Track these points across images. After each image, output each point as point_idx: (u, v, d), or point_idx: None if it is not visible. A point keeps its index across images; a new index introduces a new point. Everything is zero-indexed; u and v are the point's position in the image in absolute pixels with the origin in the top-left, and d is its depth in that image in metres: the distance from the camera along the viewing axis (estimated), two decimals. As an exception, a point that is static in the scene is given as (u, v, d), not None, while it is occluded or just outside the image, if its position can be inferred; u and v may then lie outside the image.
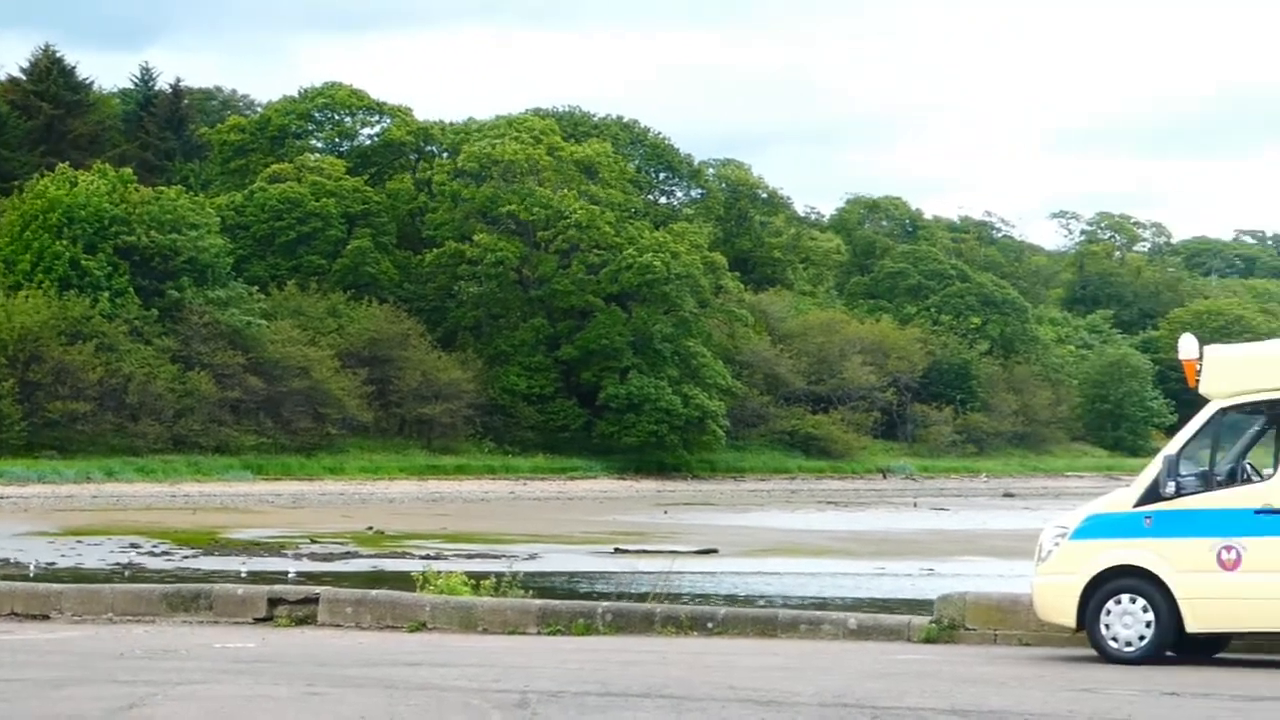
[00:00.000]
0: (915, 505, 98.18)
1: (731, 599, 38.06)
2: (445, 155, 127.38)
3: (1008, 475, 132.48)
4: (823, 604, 35.51)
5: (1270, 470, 20.15)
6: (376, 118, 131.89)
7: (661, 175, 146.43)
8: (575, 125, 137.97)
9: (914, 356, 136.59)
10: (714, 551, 54.73)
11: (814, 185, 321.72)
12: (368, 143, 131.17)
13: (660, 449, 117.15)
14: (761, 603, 35.73)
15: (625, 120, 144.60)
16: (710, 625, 24.00)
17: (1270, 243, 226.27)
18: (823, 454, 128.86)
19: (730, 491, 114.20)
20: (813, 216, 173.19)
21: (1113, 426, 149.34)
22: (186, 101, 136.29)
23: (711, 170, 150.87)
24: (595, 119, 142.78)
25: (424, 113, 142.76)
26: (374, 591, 25.83)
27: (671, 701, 15.88)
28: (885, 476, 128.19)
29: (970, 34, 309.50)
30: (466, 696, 16.19)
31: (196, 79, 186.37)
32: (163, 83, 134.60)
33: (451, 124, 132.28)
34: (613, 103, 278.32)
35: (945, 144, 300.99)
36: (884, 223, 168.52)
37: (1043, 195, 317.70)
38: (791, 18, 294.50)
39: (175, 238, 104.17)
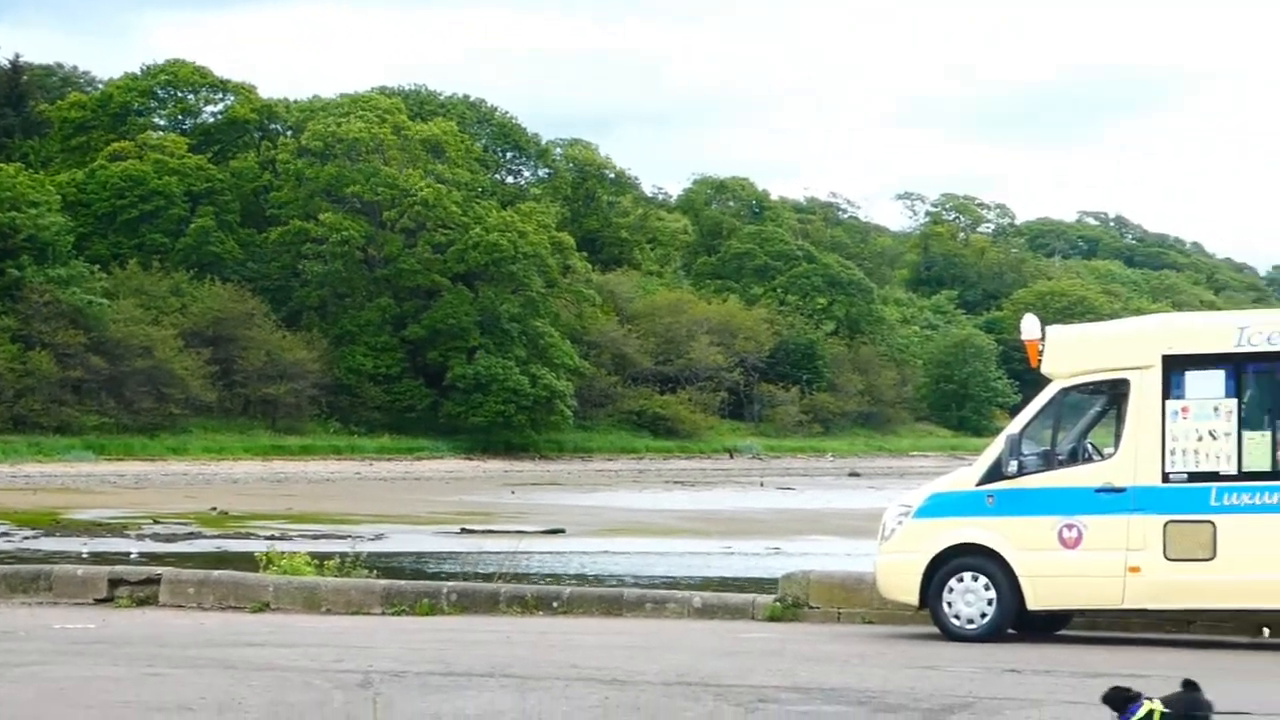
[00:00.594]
0: (762, 485, 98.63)
1: (580, 579, 38.01)
2: (290, 134, 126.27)
3: (853, 455, 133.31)
4: (670, 583, 35.57)
5: (1111, 449, 20.38)
6: (220, 95, 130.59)
7: (508, 155, 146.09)
8: (421, 104, 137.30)
9: (761, 337, 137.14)
10: (561, 531, 54.68)
11: (661, 166, 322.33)
12: (211, 120, 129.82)
13: (508, 429, 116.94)
14: (613, 582, 35.71)
15: (472, 99, 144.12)
16: (556, 605, 23.97)
17: (1112, 224, 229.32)
18: (670, 434, 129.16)
19: (578, 471, 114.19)
20: (660, 197, 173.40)
21: (957, 406, 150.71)
22: (26, 78, 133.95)
23: (559, 150, 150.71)
24: (442, 98, 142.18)
25: (268, 90, 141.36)
26: (216, 572, 25.60)
27: (515, 681, 15.83)
28: (732, 456, 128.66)
29: (818, 16, 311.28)
30: (309, 677, 16.06)
31: (36, 55, 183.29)
32: (1, 58, 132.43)
33: (296, 102, 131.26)
34: (459, 82, 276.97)
35: (792, 125, 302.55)
36: (731, 203, 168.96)
37: (888, 177, 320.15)
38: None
39: (14, 215, 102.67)
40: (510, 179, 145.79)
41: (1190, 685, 11.94)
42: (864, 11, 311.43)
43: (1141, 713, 11.69)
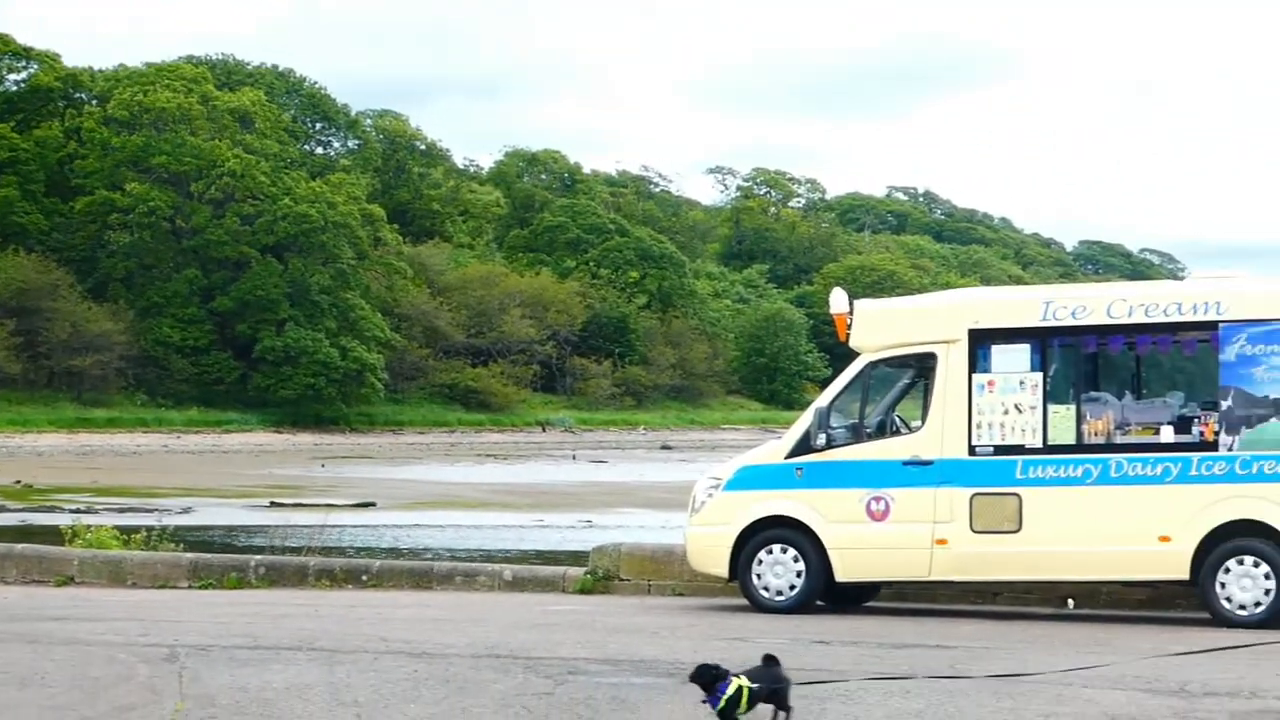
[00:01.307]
0: (574, 458, 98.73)
1: (392, 552, 37.85)
2: (95, 103, 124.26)
3: (665, 428, 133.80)
4: (482, 556, 35.48)
5: (919, 423, 20.57)
6: (23, 64, 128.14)
7: (318, 125, 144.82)
8: (229, 74, 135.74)
9: (573, 310, 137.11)
10: (372, 505, 54.42)
11: (473, 138, 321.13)
12: (14, 89, 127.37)
13: (318, 402, 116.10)
14: (425, 555, 35.57)
15: (280, 69, 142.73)
16: (365, 578, 23.84)
17: (922, 199, 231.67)
18: (482, 407, 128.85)
19: (389, 445, 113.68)
20: (472, 169, 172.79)
21: (768, 380, 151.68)
22: None
23: (369, 121, 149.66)
24: (250, 67, 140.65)
25: (73, 59, 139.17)
26: (19, 545, 25.21)
27: (323, 654, 15.70)
28: (545, 429, 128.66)
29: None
30: (113, 650, 15.82)
31: None
32: None
33: (102, 71, 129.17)
34: (268, 52, 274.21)
35: (605, 98, 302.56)
36: (543, 176, 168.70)
37: (700, 151, 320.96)
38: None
39: None
40: (320, 150, 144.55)
41: (770, 660, 12.21)
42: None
43: (730, 690, 11.90)
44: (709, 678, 11.82)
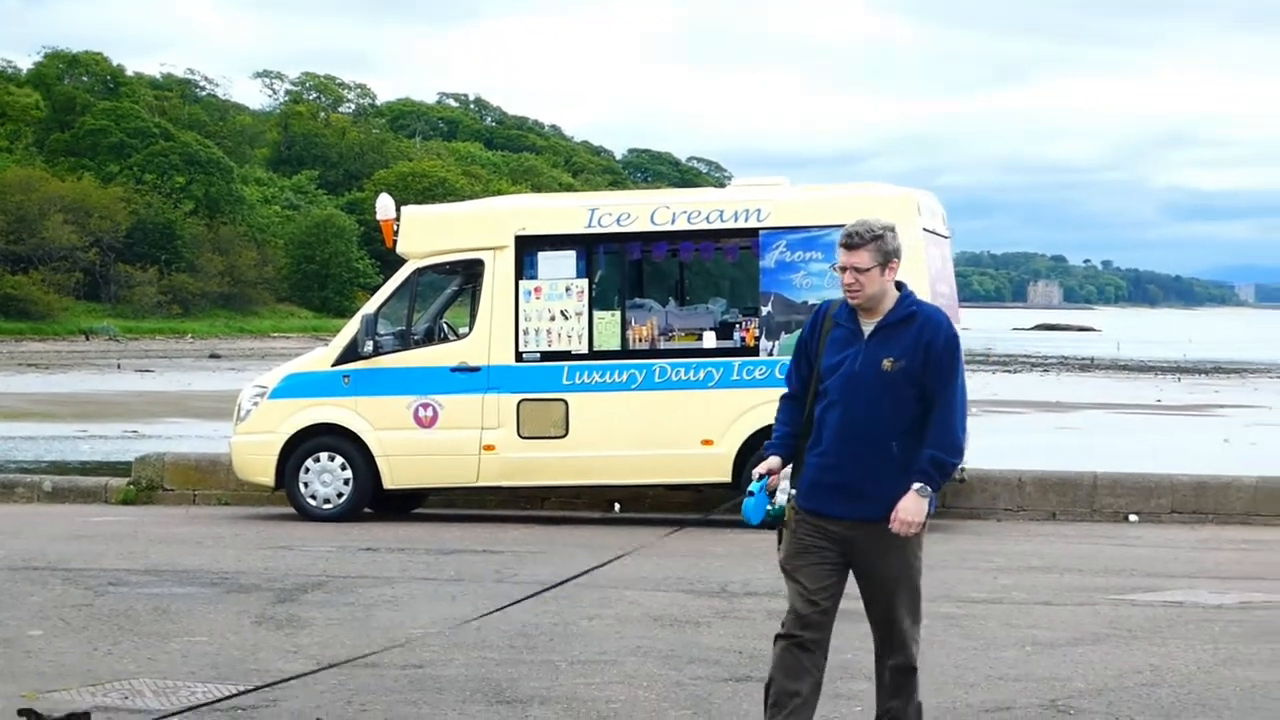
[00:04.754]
0: (119, 367, 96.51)
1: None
2: None
3: (214, 336, 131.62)
4: (21, 468, 34.49)
5: (467, 329, 20.62)
6: None
7: None
8: None
9: (117, 216, 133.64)
10: (-97, 417, 52.42)
11: (11, 39, 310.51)
12: None
13: None
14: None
15: None
16: (-105, 493, 22.99)
17: (473, 106, 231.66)
18: (22, 315, 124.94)
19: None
20: (10, 70, 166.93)
21: (319, 287, 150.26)
22: None
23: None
24: None
25: None
26: None
27: None
28: (88, 338, 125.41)
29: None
30: None
31: None
32: None
33: None
34: None
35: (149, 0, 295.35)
36: (84, 79, 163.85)
37: (248, 55, 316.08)
38: None
39: None
40: None
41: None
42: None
43: None
44: None
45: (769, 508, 8.05)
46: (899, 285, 8.08)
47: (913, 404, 7.99)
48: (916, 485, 7.99)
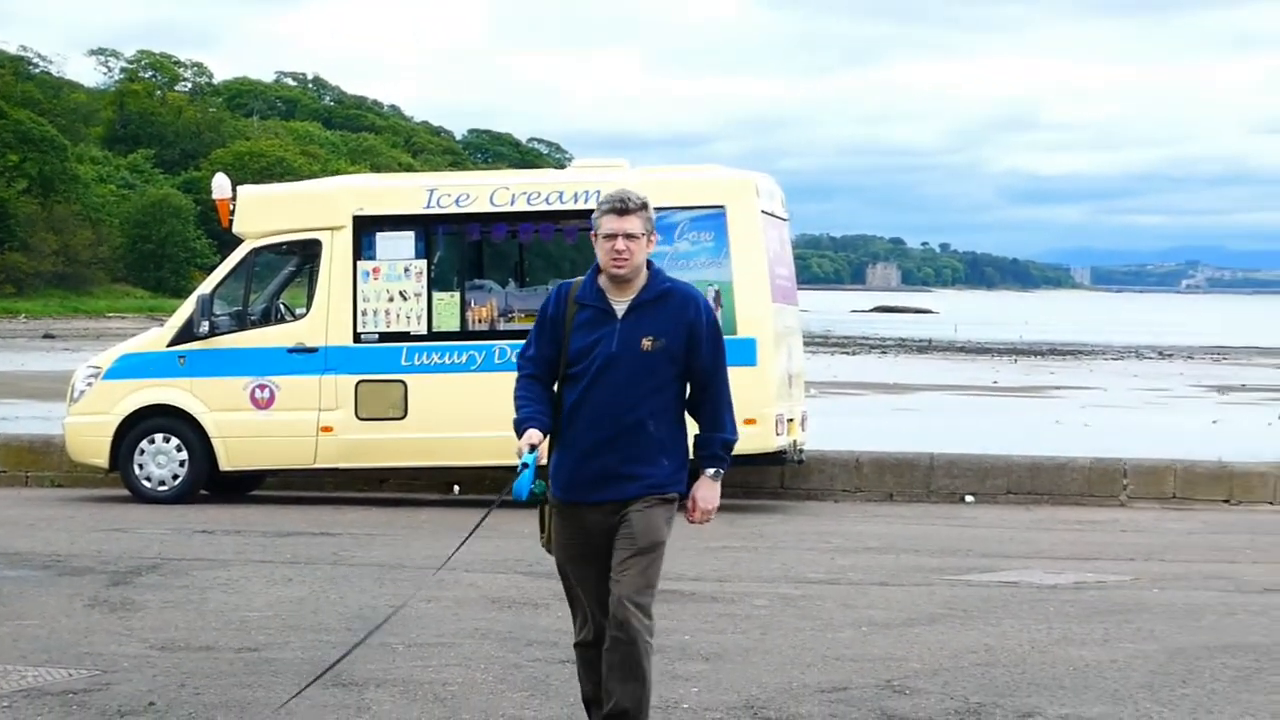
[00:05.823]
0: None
1: None
2: None
3: (48, 316, 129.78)
4: None
5: (304, 310, 20.46)
6: None
7: None
8: None
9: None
10: None
11: None
12: None
13: None
14: None
15: None
16: None
17: (311, 86, 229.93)
18: None
19: None
20: None
21: (155, 267, 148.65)
22: None
23: None
24: None
25: None
26: None
27: None
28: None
29: None
30: None
31: None
32: None
33: None
34: None
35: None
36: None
37: (82, 32, 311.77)
38: None
39: None
40: None
41: None
42: None
43: None
44: None
45: (534, 483, 7.72)
46: (648, 262, 7.81)
47: (672, 384, 7.73)
48: (710, 471, 7.80)
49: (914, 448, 23.07)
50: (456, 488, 21.53)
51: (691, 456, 7.92)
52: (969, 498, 21.26)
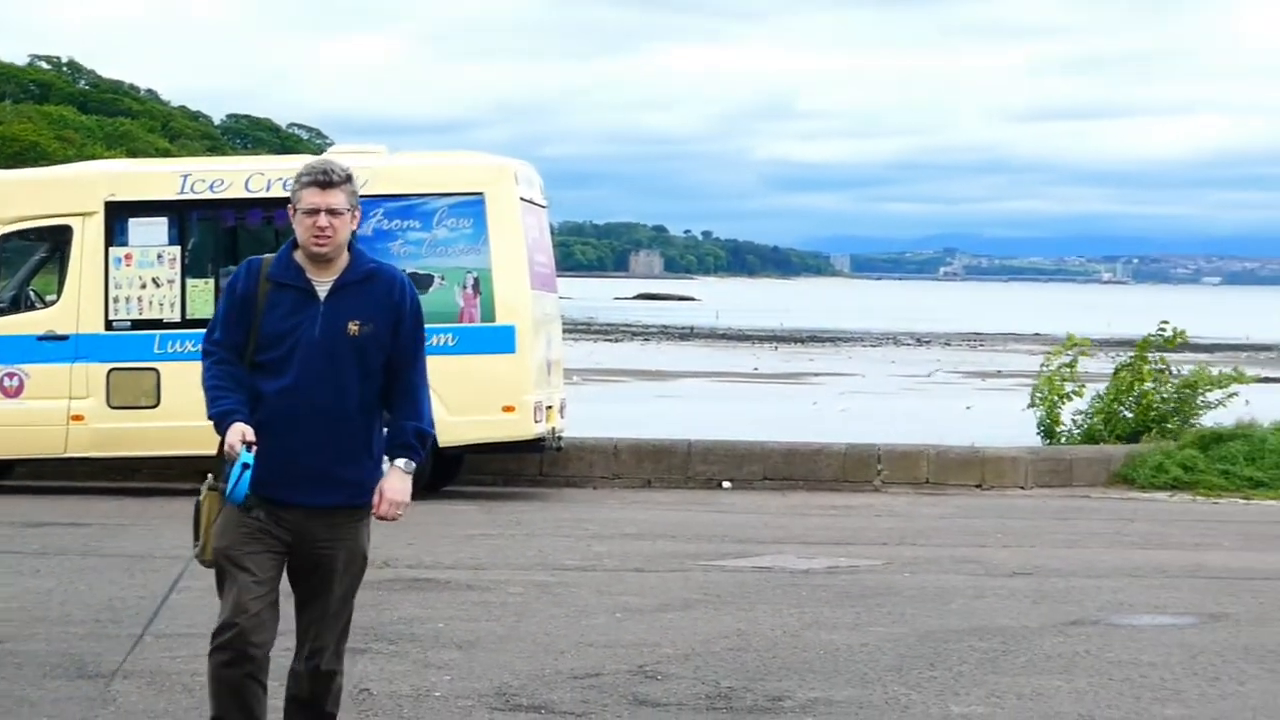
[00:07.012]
0: None
1: None
2: None
3: None
4: None
5: (54, 297, 20.11)
6: None
7: None
8: None
9: None
10: None
11: None
12: None
13: None
14: None
15: None
16: None
17: (66, 69, 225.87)
18: None
19: None
20: None
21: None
22: None
23: None
24: None
25: None
26: None
27: None
28: None
29: None
30: None
31: None
32: None
33: None
34: None
35: None
36: None
37: None
38: None
39: None
40: None
41: None
42: None
43: None
44: None
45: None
46: (350, 242, 7.27)
47: (378, 373, 7.07)
48: (401, 462, 7.08)
49: (673, 434, 23.22)
50: (210, 476, 21.21)
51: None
52: (726, 484, 21.45)
